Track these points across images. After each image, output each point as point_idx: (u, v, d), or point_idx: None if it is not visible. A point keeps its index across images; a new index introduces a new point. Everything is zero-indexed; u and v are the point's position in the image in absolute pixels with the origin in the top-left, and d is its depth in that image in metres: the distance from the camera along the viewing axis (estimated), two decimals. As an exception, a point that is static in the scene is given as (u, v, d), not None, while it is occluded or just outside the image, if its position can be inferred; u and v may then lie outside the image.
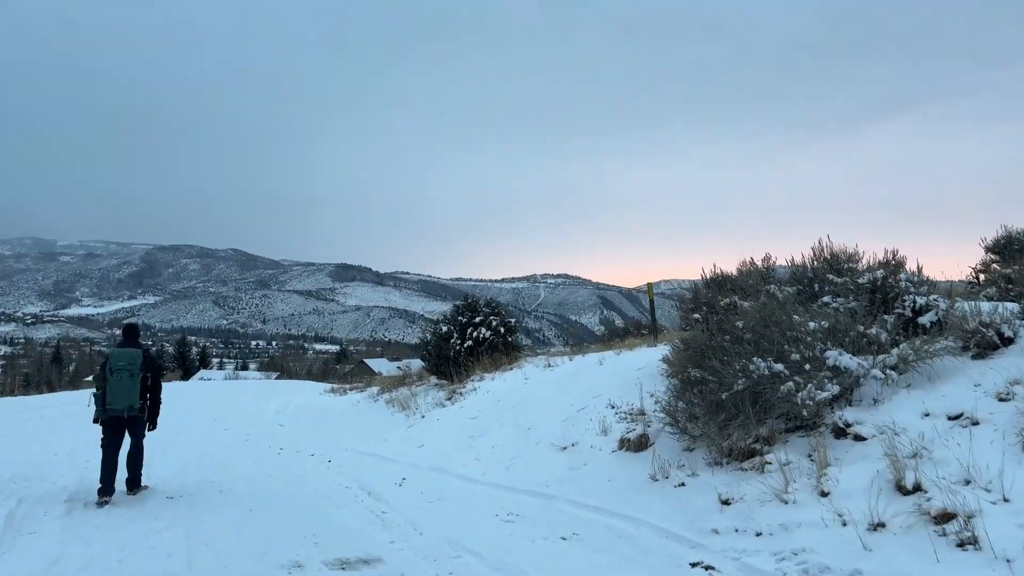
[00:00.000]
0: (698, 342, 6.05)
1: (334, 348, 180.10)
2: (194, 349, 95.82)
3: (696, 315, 8.77)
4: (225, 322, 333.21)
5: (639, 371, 9.69)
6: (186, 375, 69.80)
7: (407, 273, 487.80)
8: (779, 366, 5.49)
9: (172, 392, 24.92)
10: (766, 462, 5.24)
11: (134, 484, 7.28)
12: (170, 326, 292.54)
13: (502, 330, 15.99)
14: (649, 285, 12.98)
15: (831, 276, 7.19)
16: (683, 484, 5.53)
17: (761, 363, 5.52)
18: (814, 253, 7.97)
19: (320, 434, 12.84)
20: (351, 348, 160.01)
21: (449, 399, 12.74)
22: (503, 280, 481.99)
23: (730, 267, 9.17)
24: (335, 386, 32.16)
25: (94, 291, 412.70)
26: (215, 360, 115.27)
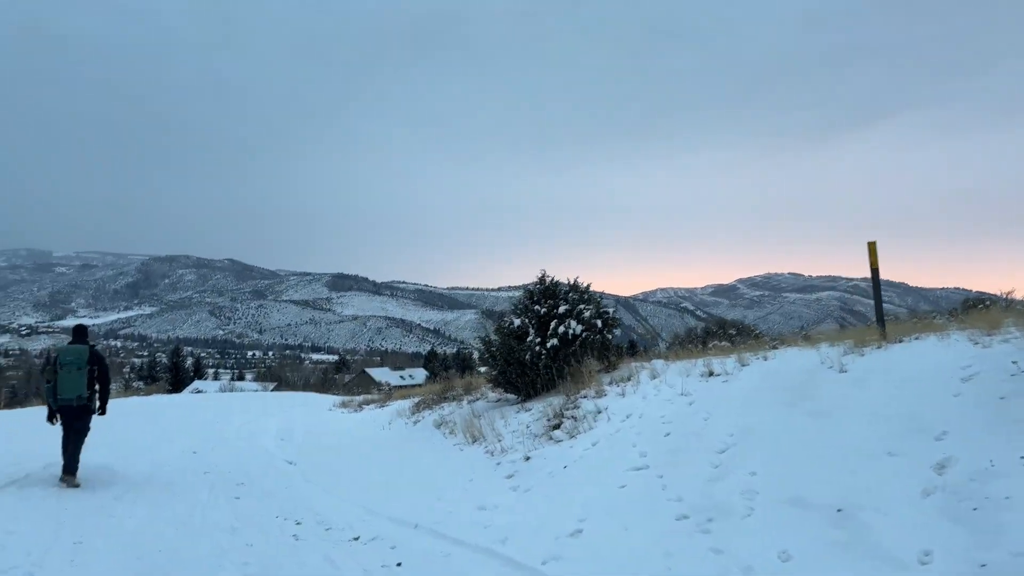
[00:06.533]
0: None
1: (332, 358, 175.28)
2: (189, 359, 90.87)
3: None
4: (221, 332, 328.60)
5: (967, 382, 5.14)
6: (179, 386, 64.91)
7: (403, 282, 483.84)
8: None
9: (147, 409, 20.17)
10: None
11: (71, 468, 7.61)
12: (166, 337, 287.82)
13: (598, 323, 11.36)
14: (871, 245, 8.37)
15: None
16: None
17: None
18: None
19: (353, 483, 8.20)
20: (349, 358, 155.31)
21: (556, 427, 8.10)
22: (500, 288, 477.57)
23: None
24: (345, 399, 27.53)
25: (90, 302, 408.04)
26: (210, 370, 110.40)
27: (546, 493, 5.98)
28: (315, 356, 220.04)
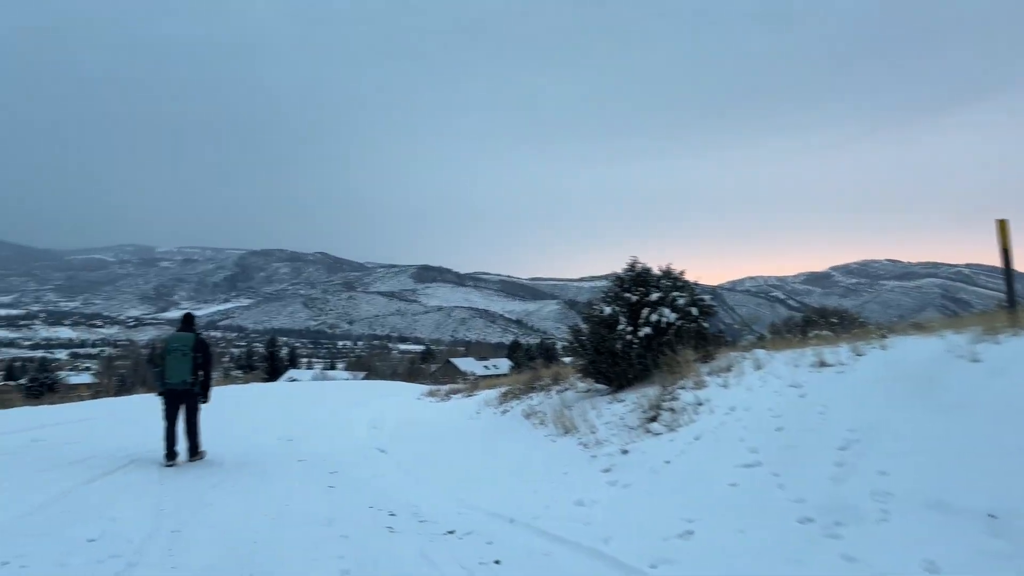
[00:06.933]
0: None
1: (418, 348, 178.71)
2: (284, 349, 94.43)
3: None
4: (314, 323, 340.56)
5: None
6: (275, 375, 67.51)
7: (486, 273, 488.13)
8: None
9: (244, 397, 20.90)
10: None
11: (193, 451, 8.42)
12: (263, 327, 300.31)
13: (693, 311, 10.88)
14: (1001, 224, 7.62)
15: None
16: None
17: None
18: None
19: (445, 473, 8.10)
20: (434, 348, 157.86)
21: (653, 420, 7.74)
22: (582, 279, 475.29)
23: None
24: (432, 388, 27.84)
25: (192, 295, 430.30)
26: (304, 360, 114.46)
27: (648, 489, 5.66)
28: (402, 346, 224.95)
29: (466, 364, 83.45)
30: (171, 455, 8.10)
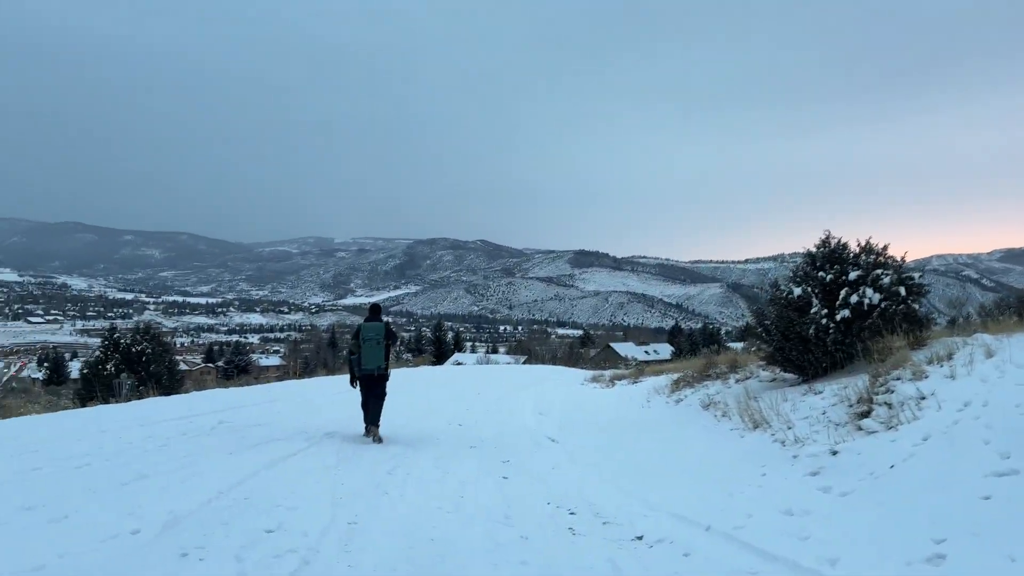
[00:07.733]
0: None
1: (575, 332, 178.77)
2: (449, 334, 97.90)
3: None
4: (476, 308, 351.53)
5: None
6: (441, 358, 70.06)
7: (644, 257, 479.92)
8: None
9: (415, 380, 21.46)
10: None
11: (374, 433, 8.90)
12: (429, 312, 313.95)
13: (901, 291, 9.55)
14: None
15: None
16: None
17: None
18: None
19: (622, 467, 7.54)
20: (592, 332, 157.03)
21: (864, 415, 6.74)
22: (747, 261, 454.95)
23: None
24: (595, 374, 27.38)
25: (365, 282, 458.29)
26: (468, 344, 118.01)
27: (875, 499, 4.77)
28: (560, 330, 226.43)
29: (625, 349, 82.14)
30: (370, 431, 8.88)
